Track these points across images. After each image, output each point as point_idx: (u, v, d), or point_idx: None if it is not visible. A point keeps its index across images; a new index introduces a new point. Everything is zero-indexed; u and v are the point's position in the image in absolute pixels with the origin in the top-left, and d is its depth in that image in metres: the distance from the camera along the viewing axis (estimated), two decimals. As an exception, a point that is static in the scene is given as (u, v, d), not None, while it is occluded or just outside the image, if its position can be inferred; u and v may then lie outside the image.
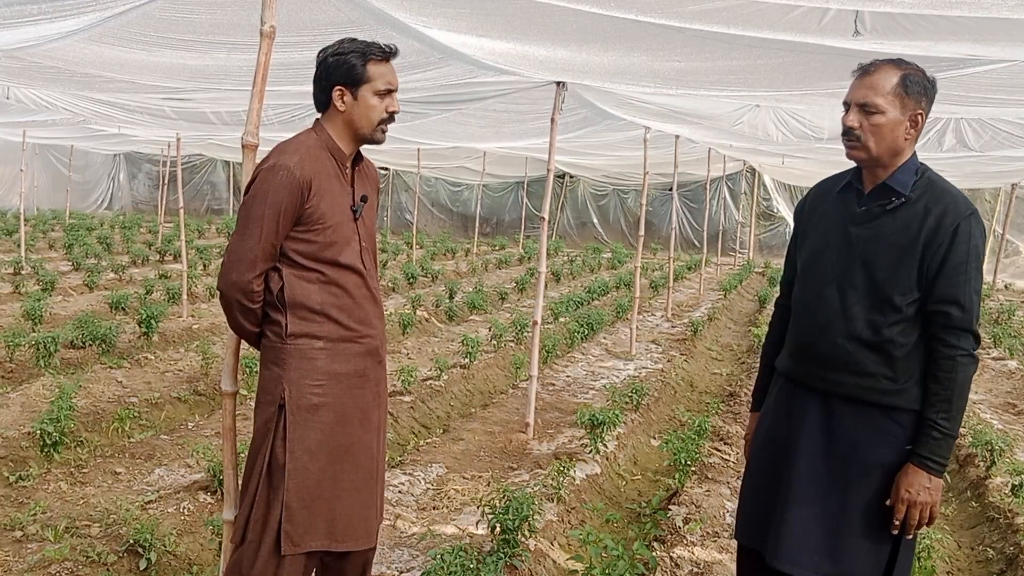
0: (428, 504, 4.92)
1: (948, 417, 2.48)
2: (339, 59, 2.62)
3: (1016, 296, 16.69)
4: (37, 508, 4.42)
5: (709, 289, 15.92)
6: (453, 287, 12.45)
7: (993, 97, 5.88)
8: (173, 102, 8.24)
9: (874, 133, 2.51)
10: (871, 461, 2.57)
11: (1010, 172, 14.61)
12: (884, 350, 2.53)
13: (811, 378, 2.67)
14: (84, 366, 7.38)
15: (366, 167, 2.86)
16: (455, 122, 9.68)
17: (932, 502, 2.50)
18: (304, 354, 2.64)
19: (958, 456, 6.26)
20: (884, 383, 2.54)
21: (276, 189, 2.55)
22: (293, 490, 2.61)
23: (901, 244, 2.51)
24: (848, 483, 2.59)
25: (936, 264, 2.48)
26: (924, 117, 2.53)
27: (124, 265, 13.87)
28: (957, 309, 2.47)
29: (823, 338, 2.62)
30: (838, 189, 2.72)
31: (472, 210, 24.36)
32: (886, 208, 2.56)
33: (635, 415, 6.84)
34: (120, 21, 4.53)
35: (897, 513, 2.52)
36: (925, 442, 2.50)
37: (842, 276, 2.60)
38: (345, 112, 2.66)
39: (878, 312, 2.53)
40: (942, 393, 2.48)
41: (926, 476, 2.49)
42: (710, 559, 4.32)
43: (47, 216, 23.35)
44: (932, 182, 2.56)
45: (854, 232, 2.60)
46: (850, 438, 2.59)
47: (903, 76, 2.49)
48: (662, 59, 5.04)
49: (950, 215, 2.48)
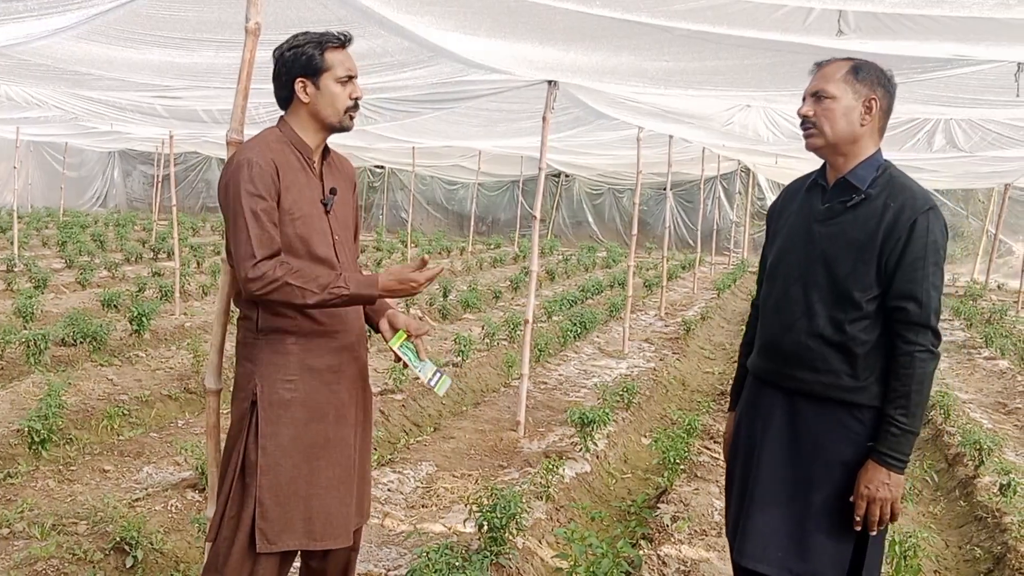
0: (417, 502, 4.93)
1: (907, 413, 2.48)
2: (296, 51, 2.61)
3: (1008, 296, 16.73)
4: (24, 505, 4.41)
5: (703, 288, 15.94)
6: (447, 285, 12.44)
7: (981, 98, 5.90)
8: (164, 100, 8.23)
9: (827, 118, 2.53)
10: (834, 458, 2.57)
11: (1003, 172, 14.63)
12: (846, 347, 2.53)
13: (777, 376, 2.69)
14: (75, 364, 7.37)
15: (336, 160, 2.84)
16: (448, 121, 9.68)
17: (892, 498, 2.50)
18: (276, 349, 2.62)
19: (947, 455, 6.28)
20: (846, 380, 2.55)
21: (246, 182, 2.52)
22: (266, 487, 2.59)
23: (860, 240, 2.51)
24: (812, 480, 2.60)
25: (894, 260, 2.48)
26: (880, 104, 2.54)
27: (117, 263, 13.85)
28: (915, 305, 2.47)
29: (788, 336, 2.63)
30: (805, 188, 2.74)
31: (467, 209, 24.36)
32: (847, 205, 2.57)
33: (626, 414, 6.85)
34: (107, 19, 4.53)
35: (857, 509, 2.52)
36: (884, 438, 2.50)
37: (806, 274, 2.61)
38: (309, 103, 2.64)
39: (839, 309, 2.54)
40: (901, 389, 2.48)
41: (885, 472, 2.49)
42: (697, 557, 4.33)
43: (41, 214, 23.30)
44: (893, 178, 2.57)
45: (817, 230, 2.61)
46: (813, 436, 2.60)
47: (853, 65, 2.54)
48: (650, 59, 5.05)
49: (908, 210, 2.48)
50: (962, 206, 21.61)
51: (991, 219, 19.76)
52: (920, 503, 5.47)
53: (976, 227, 21.30)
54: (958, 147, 9.26)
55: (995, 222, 18.83)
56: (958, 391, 8.32)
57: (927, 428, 7.09)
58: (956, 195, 21.29)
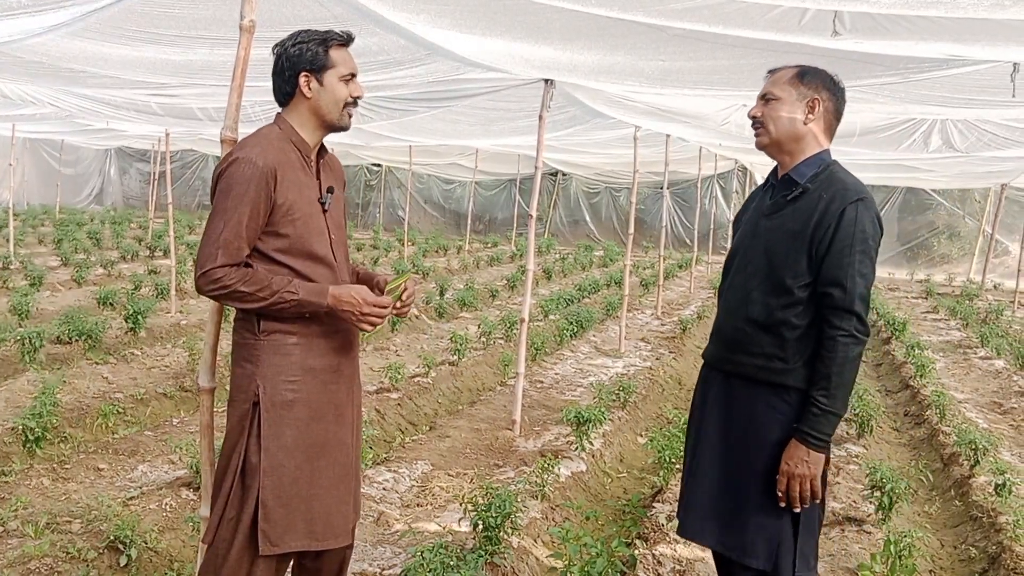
0: (412, 501, 4.92)
1: (827, 394, 2.61)
2: (301, 47, 2.61)
3: (1005, 296, 16.75)
4: (18, 504, 4.41)
5: (699, 287, 15.95)
6: (444, 284, 12.44)
7: (977, 98, 5.90)
8: (159, 98, 8.21)
9: (772, 118, 2.73)
10: (764, 438, 2.74)
11: (999, 173, 14.65)
12: (777, 332, 2.69)
13: (719, 361, 2.89)
14: (70, 362, 7.36)
15: (330, 160, 2.83)
16: (444, 119, 9.67)
17: (811, 475, 2.63)
18: (278, 349, 2.62)
19: (942, 455, 6.28)
20: (776, 363, 2.71)
21: (240, 182, 2.51)
22: (269, 488, 2.59)
23: (795, 230, 2.68)
24: (745, 459, 2.77)
25: (824, 248, 2.62)
26: (823, 105, 2.72)
27: (113, 261, 13.82)
28: (839, 290, 2.60)
29: (728, 322, 2.85)
30: (763, 188, 2.94)
31: (465, 207, 24.34)
32: (787, 199, 2.75)
33: (622, 413, 6.85)
34: (101, 16, 4.51)
35: (779, 485, 2.68)
36: (806, 418, 2.64)
37: (749, 264, 2.81)
38: (312, 99, 2.63)
39: (773, 295, 2.70)
40: (823, 371, 2.62)
41: (805, 450, 2.63)
42: (692, 556, 4.33)
43: (37, 211, 23.25)
44: (832, 174, 2.73)
45: (762, 224, 2.81)
46: (746, 416, 2.78)
47: (800, 69, 2.72)
48: (647, 58, 5.05)
49: (837, 200, 2.63)
50: (958, 206, 21.61)
51: (987, 219, 19.77)
52: (916, 503, 5.48)
53: (972, 227, 21.32)
54: (954, 147, 9.26)
55: (991, 222, 18.85)
56: (954, 391, 8.33)
57: (923, 428, 7.11)
58: (952, 195, 21.30)
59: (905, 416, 7.61)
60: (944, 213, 21.62)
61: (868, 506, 4.97)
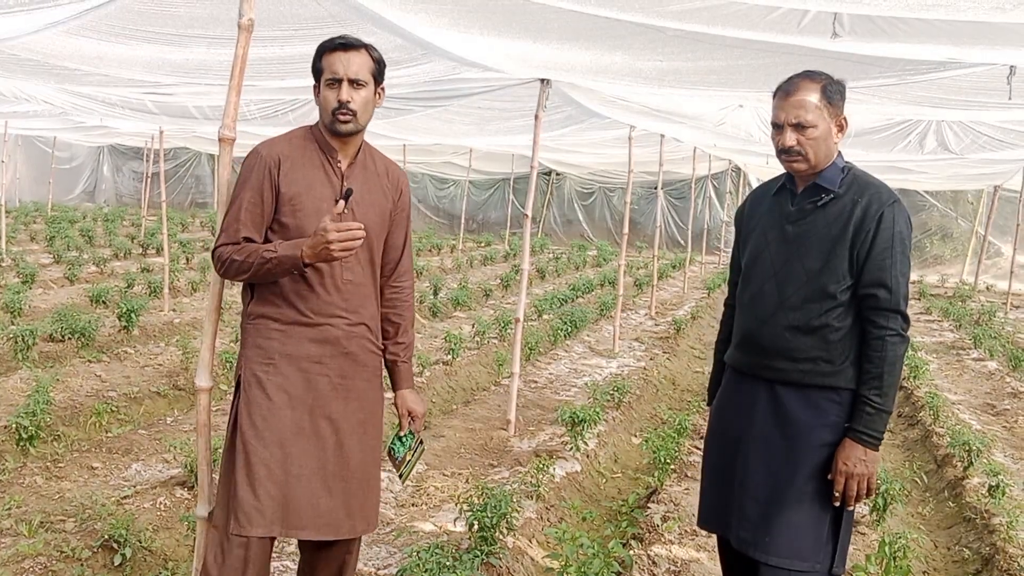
0: (407, 501, 4.92)
1: (880, 393, 2.66)
2: (314, 57, 2.77)
3: (997, 297, 16.81)
4: (12, 502, 4.38)
5: (693, 288, 15.96)
6: (438, 283, 12.42)
7: (973, 100, 5.92)
8: (154, 96, 8.18)
9: (812, 146, 2.72)
10: (816, 441, 2.75)
11: (992, 174, 14.71)
12: (821, 335, 2.72)
13: (757, 368, 2.86)
14: (63, 360, 7.33)
15: (375, 165, 2.87)
16: (440, 119, 9.65)
17: (869, 474, 2.68)
18: (260, 333, 2.73)
19: (936, 456, 6.30)
20: (824, 366, 2.73)
21: (245, 170, 2.72)
22: (240, 468, 2.66)
23: (832, 235, 2.71)
24: (797, 464, 2.76)
25: (864, 250, 2.67)
26: (846, 120, 2.78)
27: (106, 258, 13.78)
28: (884, 291, 2.65)
29: (765, 330, 2.82)
30: (773, 192, 2.93)
31: (458, 207, 24.33)
32: (817, 204, 2.76)
33: (616, 413, 6.85)
34: (98, 14, 4.49)
35: (836, 485, 2.70)
36: (859, 417, 2.68)
37: (780, 271, 2.80)
38: (318, 106, 2.79)
39: (813, 301, 2.72)
40: (874, 371, 2.66)
41: (862, 449, 2.67)
42: (688, 557, 4.34)
43: (29, 208, 23.15)
44: (857, 177, 2.77)
45: (789, 229, 2.81)
46: (797, 421, 2.77)
47: (823, 88, 2.71)
48: (644, 58, 5.05)
49: (874, 204, 2.68)
50: (951, 208, 21.67)
51: (980, 221, 19.84)
52: (909, 504, 5.49)
53: (965, 228, 21.37)
54: (949, 149, 9.30)
55: (984, 224, 18.92)
56: (947, 392, 8.36)
57: (916, 429, 7.13)
58: (945, 196, 21.35)
59: (899, 417, 7.63)
60: (937, 215, 21.66)
61: (862, 507, 4.99)
